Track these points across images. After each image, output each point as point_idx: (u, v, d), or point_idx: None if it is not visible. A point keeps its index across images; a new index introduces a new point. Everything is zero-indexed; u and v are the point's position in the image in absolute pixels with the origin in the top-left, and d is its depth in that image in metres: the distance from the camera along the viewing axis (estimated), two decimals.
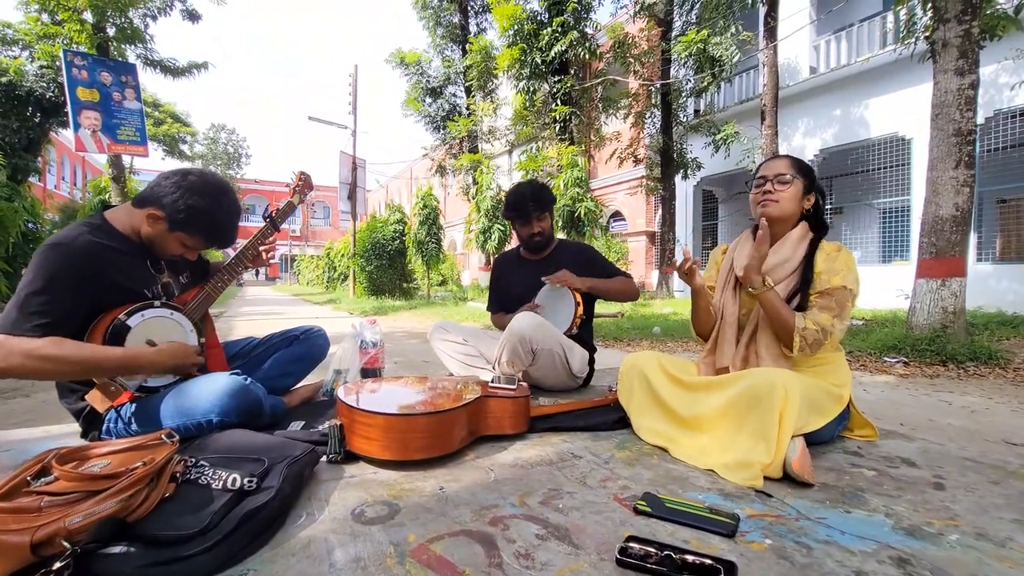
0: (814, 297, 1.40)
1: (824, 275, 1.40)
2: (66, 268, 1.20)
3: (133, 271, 1.34)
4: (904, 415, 2.51)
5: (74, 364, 1.17)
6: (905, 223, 8.88)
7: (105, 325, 1.26)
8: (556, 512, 1.00)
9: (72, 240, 1.23)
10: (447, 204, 22.76)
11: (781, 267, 1.46)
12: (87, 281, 1.23)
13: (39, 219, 7.04)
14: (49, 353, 1.13)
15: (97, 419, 1.34)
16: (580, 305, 2.02)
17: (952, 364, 3.65)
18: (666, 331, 5.62)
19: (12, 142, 10.75)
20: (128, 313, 1.28)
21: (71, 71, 8.39)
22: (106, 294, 1.27)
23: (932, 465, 1.28)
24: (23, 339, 1.13)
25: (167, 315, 1.37)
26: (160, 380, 1.37)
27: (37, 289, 1.17)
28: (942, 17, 4.00)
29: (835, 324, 1.36)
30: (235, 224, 1.47)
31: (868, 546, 0.88)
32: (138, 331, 1.30)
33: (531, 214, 2.16)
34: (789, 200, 1.46)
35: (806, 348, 1.36)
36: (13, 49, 11.48)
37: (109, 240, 1.30)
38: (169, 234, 1.36)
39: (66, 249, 1.22)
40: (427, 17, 15.41)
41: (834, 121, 9.84)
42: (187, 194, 1.34)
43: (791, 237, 1.48)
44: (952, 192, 3.92)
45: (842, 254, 1.41)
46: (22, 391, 3.13)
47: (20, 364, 1.12)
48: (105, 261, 1.26)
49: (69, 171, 26.09)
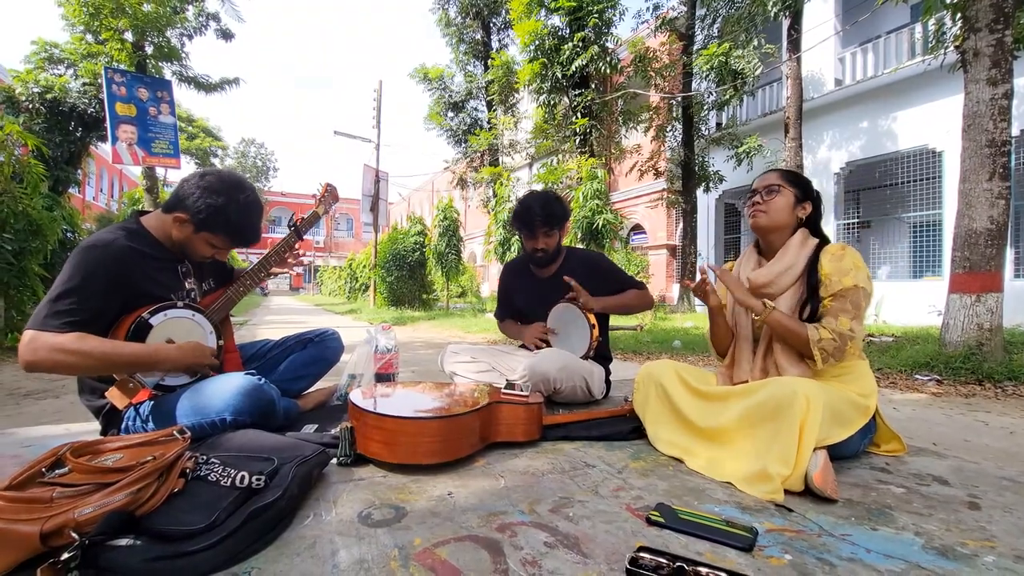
0: (827, 301, 1.35)
1: (833, 276, 1.35)
2: (100, 270, 1.25)
3: (162, 275, 1.39)
4: (937, 434, 2.40)
5: (97, 358, 1.22)
6: (937, 237, 8.60)
7: (129, 323, 1.30)
8: (566, 520, 0.98)
9: (108, 243, 1.29)
10: (467, 216, 22.93)
11: (785, 275, 1.43)
12: (119, 283, 1.28)
13: (77, 228, 7.33)
14: (74, 348, 1.18)
15: (116, 417, 1.37)
16: (595, 327, 1.93)
17: (989, 383, 3.49)
18: (686, 345, 5.52)
19: (55, 155, 11.22)
20: (151, 312, 1.33)
21: (111, 87, 8.79)
22: (135, 296, 1.32)
23: (966, 484, 1.21)
24: (51, 334, 1.18)
25: (188, 316, 1.40)
26: (177, 379, 1.39)
27: (71, 288, 1.22)
28: (973, 26, 3.90)
29: (853, 327, 1.31)
30: (254, 220, 1.49)
31: (896, 565, 0.83)
32: (159, 330, 1.33)
33: (536, 230, 2.03)
34: (778, 210, 1.46)
35: (829, 359, 1.31)
36: (59, 67, 12.06)
37: (142, 245, 1.36)
38: (196, 235, 1.40)
39: (102, 251, 1.27)
40: (451, 34, 15.74)
41: (861, 134, 9.64)
42: (205, 193, 1.38)
43: (791, 244, 1.45)
44: (986, 205, 3.78)
45: (848, 253, 1.37)
46: (52, 392, 3.23)
47: (47, 358, 1.18)
48: (137, 265, 1.32)
49: (107, 183, 27.16)
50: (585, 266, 2.14)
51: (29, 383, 3.50)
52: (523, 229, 2.08)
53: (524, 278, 2.26)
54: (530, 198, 2.11)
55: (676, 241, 13.65)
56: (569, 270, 2.12)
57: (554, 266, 2.17)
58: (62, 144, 11.53)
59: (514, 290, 2.30)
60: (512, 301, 2.30)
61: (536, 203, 2.06)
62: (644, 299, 2.10)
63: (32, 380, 3.59)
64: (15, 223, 4.69)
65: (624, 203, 15.07)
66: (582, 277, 2.03)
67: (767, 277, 1.45)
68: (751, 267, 1.53)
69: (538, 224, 2.03)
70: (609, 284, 2.09)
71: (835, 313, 1.33)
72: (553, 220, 2.04)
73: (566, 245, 2.25)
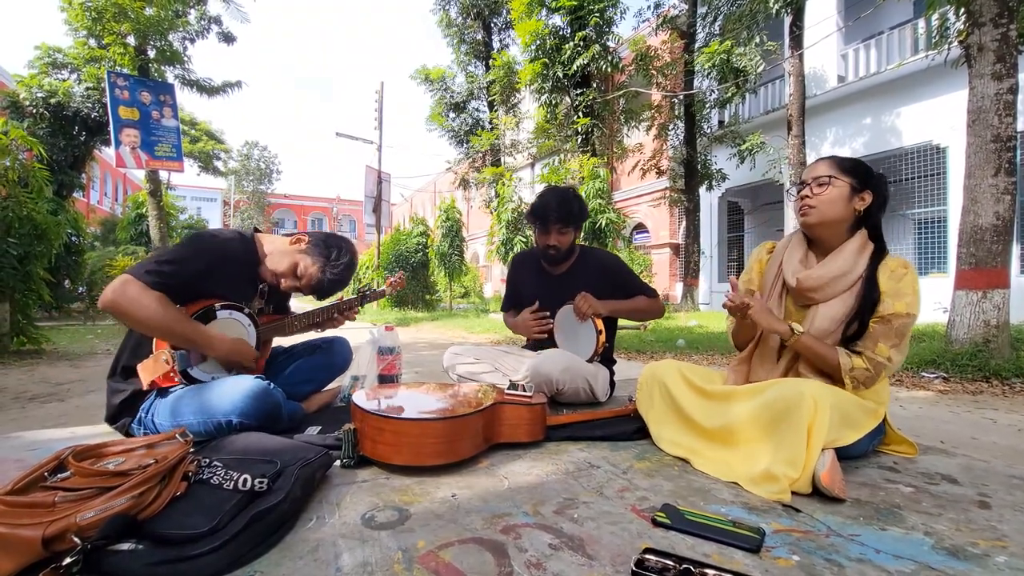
0: (874, 323, 1.25)
1: (888, 298, 1.24)
2: (207, 256, 1.41)
3: (243, 285, 1.55)
4: (944, 432, 2.37)
5: (166, 321, 1.31)
6: (942, 234, 8.56)
7: (200, 305, 1.42)
8: (570, 522, 0.97)
9: (226, 239, 1.48)
10: (470, 217, 22.94)
11: (837, 281, 1.30)
12: (214, 273, 1.42)
13: (82, 232, 7.37)
14: (152, 304, 1.29)
15: (133, 407, 1.40)
16: (602, 332, 1.90)
17: (996, 380, 3.46)
18: (691, 344, 5.50)
19: (59, 160, 11.28)
20: (222, 306, 1.46)
21: (114, 91, 8.82)
22: (217, 289, 1.45)
23: (976, 483, 1.20)
24: (143, 286, 1.29)
25: (246, 324, 1.53)
26: (203, 374, 1.45)
27: (177, 259, 1.37)
28: (977, 21, 3.87)
29: (892, 356, 1.22)
30: (344, 280, 1.62)
31: (906, 566, 0.82)
32: (220, 323, 1.46)
33: (551, 226, 1.99)
34: (829, 203, 1.31)
35: (860, 387, 1.26)
36: (63, 72, 12.11)
37: (246, 254, 1.52)
38: (298, 253, 1.55)
39: (217, 242, 1.45)
40: (451, 35, 15.73)
41: (864, 130, 9.60)
42: (335, 238, 1.62)
43: (848, 247, 1.32)
44: (992, 200, 3.75)
45: (909, 273, 1.25)
46: (57, 396, 3.24)
47: (129, 303, 1.27)
48: (234, 267, 1.49)
49: (111, 187, 27.30)
50: (599, 267, 2.10)
51: (35, 387, 3.51)
52: (537, 224, 2.03)
53: (534, 273, 2.21)
54: (549, 193, 2.07)
55: (679, 240, 13.62)
56: (582, 269, 2.09)
57: (566, 264, 2.13)
58: (66, 148, 11.60)
59: (522, 283, 2.25)
60: (519, 294, 2.25)
61: (554, 199, 2.01)
62: (654, 307, 2.07)
63: (38, 384, 3.61)
64: (20, 227, 4.71)
65: (626, 202, 15.05)
66: (594, 278, 2.01)
67: (817, 281, 1.32)
68: (797, 259, 1.40)
69: (552, 220, 1.98)
70: (621, 288, 2.06)
71: (876, 338, 1.24)
72: (569, 218, 2.00)
73: (581, 244, 2.20)
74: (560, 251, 2.04)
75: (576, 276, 2.07)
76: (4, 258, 4.60)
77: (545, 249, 2.05)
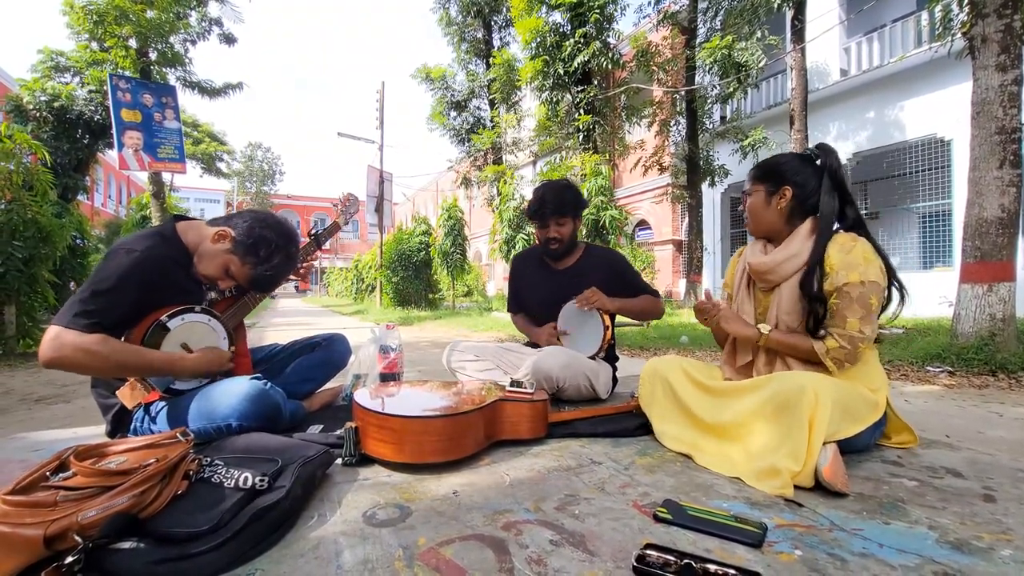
0: (834, 300, 1.28)
1: (840, 270, 1.26)
2: (135, 276, 1.27)
3: (188, 284, 1.42)
4: (950, 426, 2.36)
5: (117, 362, 1.23)
6: (946, 227, 8.50)
7: (147, 325, 1.31)
8: (572, 518, 0.97)
9: (146, 250, 1.30)
10: (472, 216, 22.94)
11: (788, 262, 1.35)
12: (149, 290, 1.30)
13: (86, 235, 7.40)
14: (96, 349, 1.19)
15: (126, 418, 1.38)
16: (609, 329, 1.89)
17: (1002, 374, 3.44)
18: (694, 340, 5.49)
19: (63, 163, 11.35)
20: (169, 315, 1.34)
21: (116, 94, 8.86)
22: (159, 302, 1.34)
23: (981, 476, 1.19)
24: (77, 333, 1.19)
25: (204, 321, 1.42)
26: (187, 384, 1.41)
27: (103, 290, 1.24)
28: (980, 12, 3.84)
29: (863, 328, 1.24)
30: (281, 275, 1.50)
31: (910, 560, 0.82)
32: (176, 333, 1.35)
33: (548, 217, 1.98)
34: (754, 212, 1.44)
35: (843, 365, 1.28)
36: (65, 76, 12.18)
37: (174, 252, 1.38)
38: (225, 254, 1.40)
39: (138, 257, 1.28)
40: (452, 33, 15.72)
41: (867, 124, 9.54)
42: (262, 225, 1.44)
43: (798, 232, 1.38)
44: (997, 193, 3.73)
45: (859, 245, 1.27)
46: (63, 397, 3.26)
47: (69, 356, 1.18)
48: (168, 273, 1.35)
49: (115, 189, 27.43)
50: (605, 264, 2.09)
51: (41, 389, 3.53)
52: (535, 218, 2.03)
53: (537, 270, 2.19)
54: (542, 187, 2.07)
55: (682, 236, 13.58)
56: (589, 265, 2.08)
57: (571, 259, 2.12)
58: (70, 152, 11.66)
59: (524, 281, 2.24)
60: (525, 295, 2.23)
61: (548, 191, 2.02)
62: (656, 307, 2.07)
63: (44, 386, 3.63)
64: (25, 230, 4.74)
65: (629, 199, 15.01)
66: (602, 274, 1.99)
67: (768, 264, 1.39)
68: (758, 250, 1.47)
69: (549, 212, 1.98)
70: (627, 286, 2.05)
71: (843, 314, 1.26)
72: (565, 207, 1.99)
73: (585, 241, 2.17)
74: (562, 243, 2.03)
75: (583, 272, 2.06)
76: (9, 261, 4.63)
77: (547, 243, 2.05)
